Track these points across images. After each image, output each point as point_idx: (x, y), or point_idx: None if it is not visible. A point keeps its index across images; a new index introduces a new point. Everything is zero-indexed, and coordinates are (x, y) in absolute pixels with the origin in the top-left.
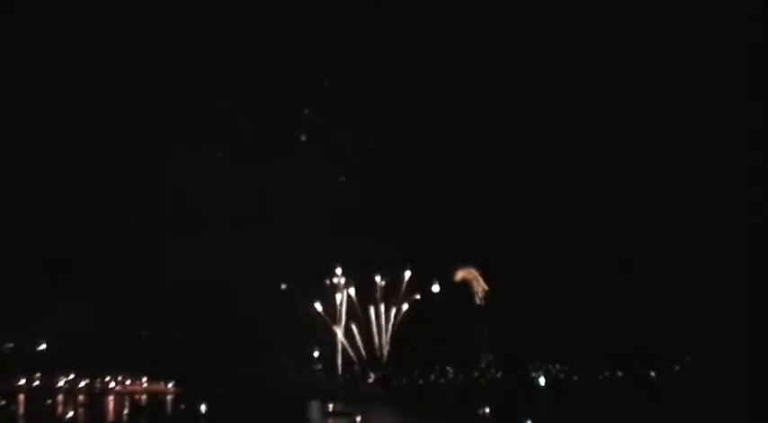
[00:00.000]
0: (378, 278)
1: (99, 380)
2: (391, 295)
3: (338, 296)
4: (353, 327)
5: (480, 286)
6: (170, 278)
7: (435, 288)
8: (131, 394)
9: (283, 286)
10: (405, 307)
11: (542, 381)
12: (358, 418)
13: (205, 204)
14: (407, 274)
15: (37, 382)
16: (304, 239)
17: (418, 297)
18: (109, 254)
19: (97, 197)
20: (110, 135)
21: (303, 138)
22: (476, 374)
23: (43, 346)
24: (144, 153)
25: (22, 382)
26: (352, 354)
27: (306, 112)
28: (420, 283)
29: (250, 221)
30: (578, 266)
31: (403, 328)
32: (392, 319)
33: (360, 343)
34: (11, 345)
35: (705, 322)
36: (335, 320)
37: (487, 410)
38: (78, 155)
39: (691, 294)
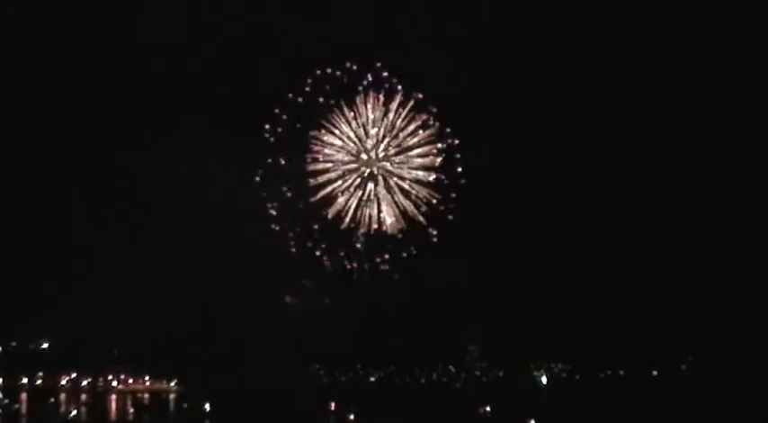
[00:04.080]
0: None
1: (101, 378)
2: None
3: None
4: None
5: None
6: (171, 277)
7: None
8: (134, 393)
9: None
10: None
11: (544, 380)
12: (351, 416)
13: (208, 204)
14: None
15: (40, 381)
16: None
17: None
18: (110, 252)
19: (98, 197)
20: (109, 135)
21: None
22: (477, 373)
23: (46, 345)
24: (144, 153)
25: (25, 380)
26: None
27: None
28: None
29: (249, 220)
30: (579, 264)
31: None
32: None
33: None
34: (14, 343)
35: (709, 321)
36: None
37: (488, 409)
38: (78, 155)
39: (694, 292)
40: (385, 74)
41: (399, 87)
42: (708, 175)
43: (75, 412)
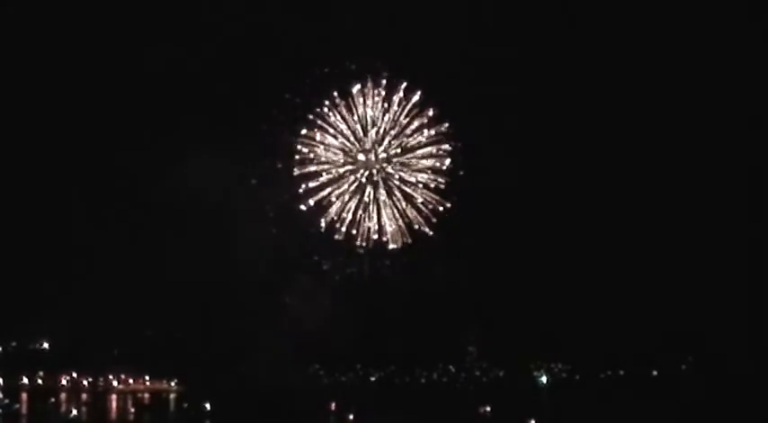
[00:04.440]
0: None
1: (101, 378)
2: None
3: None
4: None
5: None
6: (171, 277)
7: None
8: (134, 393)
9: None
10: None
11: (544, 380)
12: (351, 416)
13: (207, 204)
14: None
15: (40, 381)
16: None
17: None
18: (110, 252)
19: (98, 197)
20: (109, 135)
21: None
22: (477, 373)
23: (46, 345)
24: (144, 153)
25: (25, 380)
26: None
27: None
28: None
29: (249, 221)
30: (579, 264)
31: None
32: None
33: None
34: (14, 343)
35: (709, 321)
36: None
37: (488, 409)
38: (78, 155)
39: (694, 293)
40: (385, 74)
41: (403, 85)
42: (708, 175)
43: (75, 412)
